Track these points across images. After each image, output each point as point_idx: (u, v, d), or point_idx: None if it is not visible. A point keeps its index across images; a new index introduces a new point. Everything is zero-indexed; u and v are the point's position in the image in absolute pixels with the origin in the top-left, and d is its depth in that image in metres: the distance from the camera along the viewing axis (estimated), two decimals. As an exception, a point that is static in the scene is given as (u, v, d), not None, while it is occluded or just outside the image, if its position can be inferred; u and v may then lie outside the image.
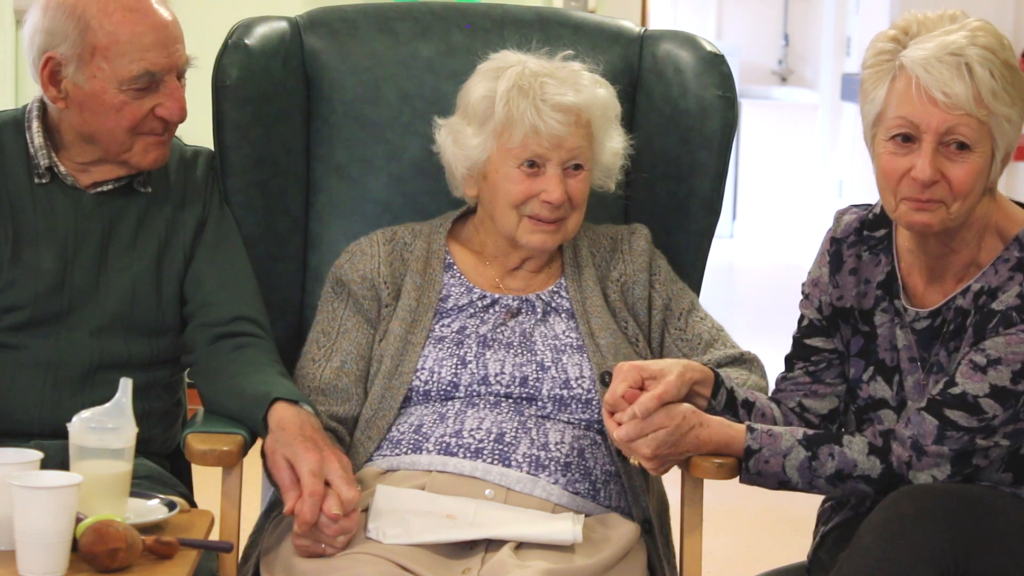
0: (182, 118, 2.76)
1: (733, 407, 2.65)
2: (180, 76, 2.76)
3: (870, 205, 2.69)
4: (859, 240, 2.67)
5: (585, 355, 2.76)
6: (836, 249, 2.68)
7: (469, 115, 2.81)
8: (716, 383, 2.64)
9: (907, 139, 2.48)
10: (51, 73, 2.71)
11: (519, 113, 2.74)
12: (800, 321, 2.73)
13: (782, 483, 2.57)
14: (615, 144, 2.84)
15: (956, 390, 2.48)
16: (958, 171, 2.47)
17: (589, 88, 2.79)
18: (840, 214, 2.71)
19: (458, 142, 2.82)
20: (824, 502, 2.78)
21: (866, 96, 2.54)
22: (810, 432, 2.58)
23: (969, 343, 2.51)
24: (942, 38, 2.45)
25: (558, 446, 2.69)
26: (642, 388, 2.56)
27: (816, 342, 2.71)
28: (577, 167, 2.78)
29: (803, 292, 2.73)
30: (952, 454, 2.48)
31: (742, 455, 2.56)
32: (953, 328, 2.55)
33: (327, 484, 2.50)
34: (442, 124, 2.87)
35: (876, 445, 2.53)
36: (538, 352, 2.77)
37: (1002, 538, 2.43)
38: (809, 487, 2.57)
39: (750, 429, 2.57)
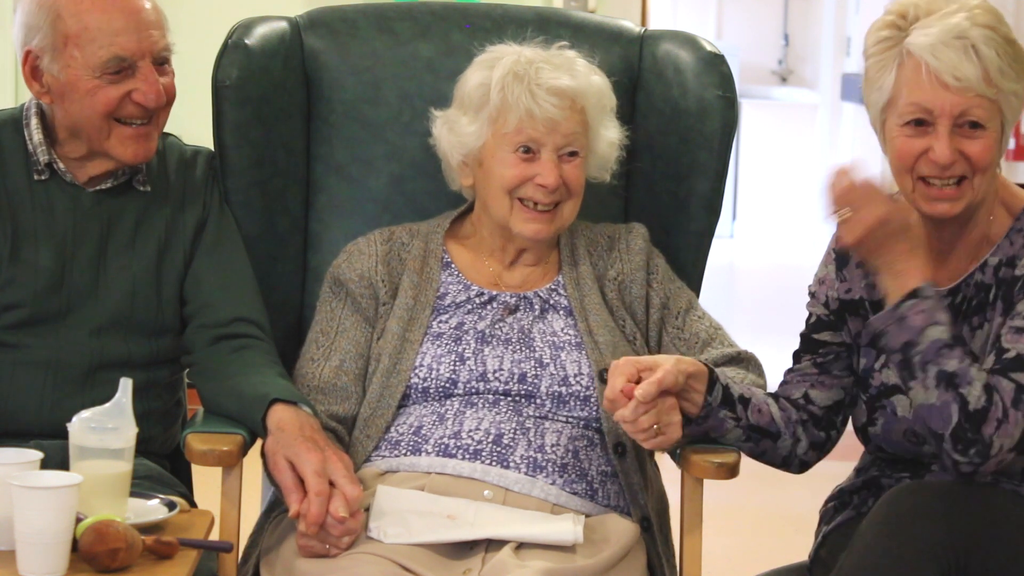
0: (159, 104, 2.74)
1: (730, 403, 2.64)
2: (161, 63, 2.75)
3: None
4: None
5: (583, 352, 2.76)
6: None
7: (465, 104, 2.81)
8: (711, 380, 2.63)
9: (920, 123, 2.51)
10: (32, 68, 2.73)
11: (514, 98, 2.74)
12: (808, 319, 2.73)
13: (907, 344, 2.46)
14: (611, 134, 2.84)
15: (1011, 355, 2.46)
16: (975, 148, 2.50)
17: (584, 74, 2.79)
18: None
19: (453, 131, 2.82)
20: (827, 502, 2.78)
21: (872, 84, 2.55)
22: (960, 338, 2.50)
23: (1001, 313, 2.51)
24: (944, 21, 2.47)
25: (554, 448, 2.69)
26: (638, 382, 2.55)
27: (824, 336, 2.70)
28: (572, 154, 2.78)
29: (810, 292, 2.73)
30: None
31: (908, 292, 2.47)
32: (976, 304, 2.55)
33: (331, 484, 2.50)
34: (438, 115, 2.87)
35: (991, 386, 2.45)
36: (536, 349, 2.76)
37: (1003, 534, 2.42)
38: (914, 369, 2.46)
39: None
